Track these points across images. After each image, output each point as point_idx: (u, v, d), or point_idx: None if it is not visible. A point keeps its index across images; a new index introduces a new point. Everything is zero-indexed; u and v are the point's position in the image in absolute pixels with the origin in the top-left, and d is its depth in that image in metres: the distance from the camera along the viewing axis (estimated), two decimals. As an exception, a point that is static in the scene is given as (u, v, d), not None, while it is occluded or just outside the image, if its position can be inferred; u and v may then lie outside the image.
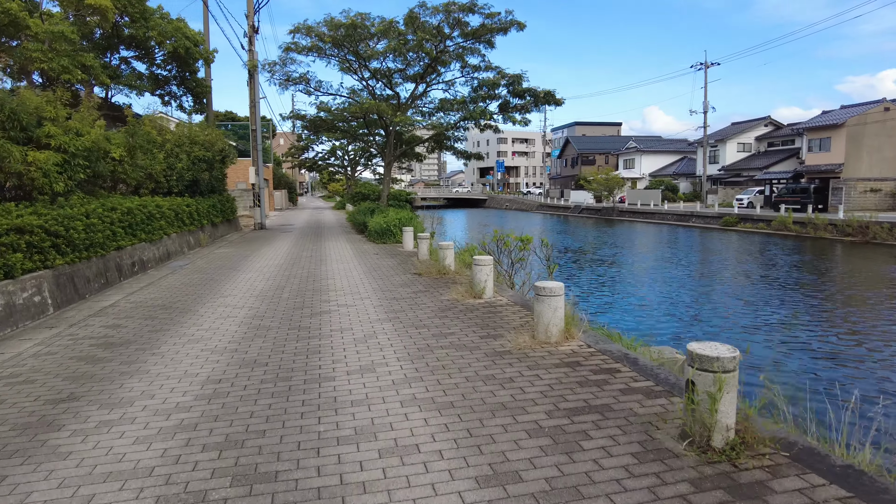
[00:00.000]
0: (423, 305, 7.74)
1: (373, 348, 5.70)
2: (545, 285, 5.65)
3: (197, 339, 6.29)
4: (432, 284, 9.43)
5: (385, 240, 16.63)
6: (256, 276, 10.93)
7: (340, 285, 9.64)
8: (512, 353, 5.40)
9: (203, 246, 17.38)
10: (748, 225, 37.52)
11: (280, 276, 10.84)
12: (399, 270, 11.19)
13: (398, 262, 12.52)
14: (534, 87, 19.06)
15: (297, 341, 6.08)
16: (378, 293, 8.78)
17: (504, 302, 7.83)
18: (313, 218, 34.11)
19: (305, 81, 21.50)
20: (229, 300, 8.58)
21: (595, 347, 5.57)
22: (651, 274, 19.74)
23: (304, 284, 9.84)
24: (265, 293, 9.08)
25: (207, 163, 18.82)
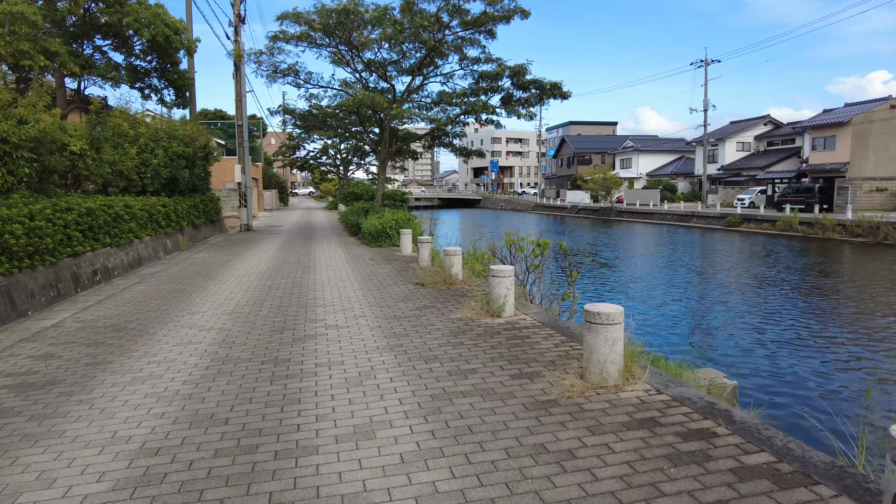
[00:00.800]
0: (430, 327, 6.31)
1: (371, 395, 4.27)
2: (599, 310, 4.25)
3: (143, 378, 4.83)
4: (438, 297, 8.00)
5: (380, 243, 15.19)
6: (234, 287, 9.46)
7: (330, 299, 8.19)
8: (560, 404, 3.99)
9: (182, 250, 15.87)
10: (752, 225, 36.37)
11: (261, 287, 9.37)
12: (398, 279, 9.75)
13: (396, 269, 11.08)
14: (539, 78, 17.71)
15: (272, 383, 4.63)
16: (375, 309, 7.34)
17: (529, 322, 6.41)
18: (304, 219, 32.59)
19: (294, 73, 20.00)
20: (197, 319, 7.11)
21: (667, 393, 4.17)
22: (661, 277, 18.41)
23: (289, 297, 8.38)
24: (241, 309, 7.62)
25: (188, 159, 17.29)
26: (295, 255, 13.86)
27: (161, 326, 6.75)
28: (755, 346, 10.68)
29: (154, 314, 7.45)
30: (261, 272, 11.13)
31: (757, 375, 9.00)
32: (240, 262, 12.75)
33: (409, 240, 13.46)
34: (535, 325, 6.24)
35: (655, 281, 17.96)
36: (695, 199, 51.27)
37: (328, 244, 16.66)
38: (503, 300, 6.61)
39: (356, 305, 7.62)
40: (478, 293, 8.18)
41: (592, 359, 4.31)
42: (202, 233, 19.40)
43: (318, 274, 10.73)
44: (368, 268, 11.34)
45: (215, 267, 12.11)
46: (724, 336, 11.37)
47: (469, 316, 6.71)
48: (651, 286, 16.98)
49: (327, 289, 9.03)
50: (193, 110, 22.33)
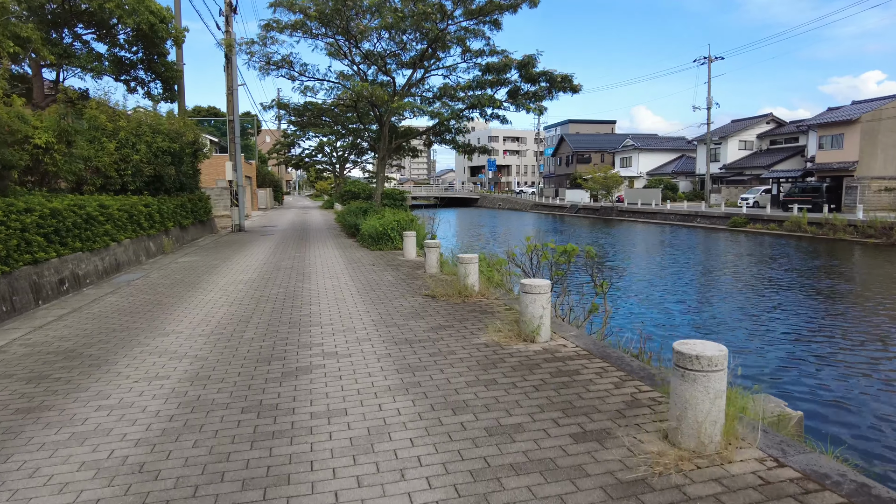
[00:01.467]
0: (451, 356, 5.15)
1: (387, 471, 3.10)
2: (698, 351, 3.11)
3: (84, 436, 3.65)
4: (455, 314, 6.84)
5: (381, 245, 14.01)
6: (218, 298, 8.27)
7: (328, 315, 7.01)
8: (653, 487, 2.83)
9: (167, 253, 14.65)
10: (758, 226, 35.37)
11: (249, 299, 8.19)
12: (405, 289, 8.58)
13: (401, 276, 9.91)
14: (550, 70, 16.56)
15: (253, 445, 3.46)
16: (381, 330, 6.17)
17: (571, 350, 5.26)
18: (299, 218, 31.35)
19: (288, 65, 18.76)
20: (169, 342, 5.93)
21: (792, 465, 3.02)
22: (676, 280, 17.30)
23: (280, 313, 7.20)
24: (222, 329, 6.43)
25: (174, 155, 16.06)
26: (288, 260, 12.67)
27: (125, 352, 5.56)
28: (795, 361, 9.57)
29: (120, 335, 6.26)
30: (250, 280, 9.93)
31: (812, 400, 7.89)
32: (227, 268, 11.55)
33: (413, 243, 12.29)
34: (581, 355, 5.09)
35: (669, 284, 16.85)
36: (696, 199, 50.29)
37: (324, 247, 15.47)
38: (538, 322, 5.46)
39: (359, 324, 6.45)
40: (500, 309, 7.02)
41: (686, 416, 3.17)
42: (190, 234, 18.18)
43: (314, 282, 9.54)
44: (370, 275, 10.16)
45: (200, 273, 10.91)
46: (759, 350, 10.26)
47: (496, 340, 5.55)
48: (667, 290, 15.87)
49: (324, 301, 7.85)
50: (182, 104, 21.07)
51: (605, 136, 71.23)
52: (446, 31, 17.64)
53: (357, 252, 13.92)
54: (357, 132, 25.51)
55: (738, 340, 10.96)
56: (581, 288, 10.69)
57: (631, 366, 4.74)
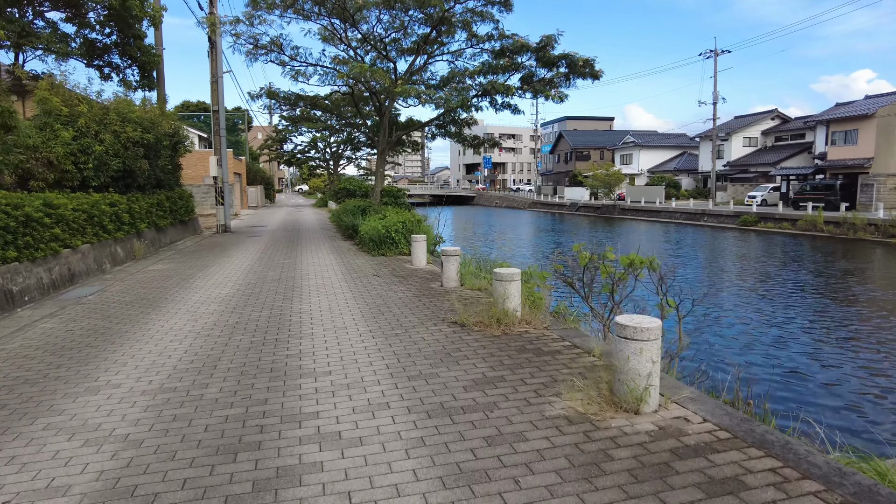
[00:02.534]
0: (522, 443, 3.26)
1: None
2: None
3: None
4: (500, 354, 4.95)
5: (384, 250, 12.10)
6: (182, 326, 6.34)
7: (325, 357, 5.11)
8: None
9: (138, 258, 12.68)
10: (769, 224, 33.74)
11: (222, 327, 6.26)
12: (423, 312, 6.69)
13: (414, 291, 8.01)
14: (571, 53, 14.67)
15: None
16: (403, 385, 4.27)
17: (701, 428, 3.38)
18: (291, 217, 29.33)
19: (278, 48, 16.77)
20: (90, 409, 4.00)
21: None
22: (716, 287, 15.49)
23: (258, 353, 5.29)
24: (175, 383, 4.51)
25: (148, 148, 14.07)
26: (276, 269, 10.72)
27: (22, 427, 3.64)
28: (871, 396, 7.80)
29: (29, 391, 4.33)
30: (227, 297, 8.00)
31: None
32: (203, 280, 9.60)
33: (423, 249, 10.39)
34: (723, 440, 3.21)
35: (709, 291, 15.04)
36: (700, 197, 48.69)
37: (318, 251, 13.54)
38: (644, 383, 3.58)
39: (368, 374, 4.54)
40: (557, 345, 5.15)
41: None
42: (169, 236, 16.19)
43: (306, 301, 7.63)
44: (375, 290, 8.25)
45: (169, 287, 8.95)
46: (839, 385, 8.45)
47: (581, 411, 3.67)
48: (712, 300, 14.05)
49: (319, 332, 5.94)
50: (162, 92, 19.03)
51: (604, 133, 69.47)
52: (452, 13, 15.74)
53: (356, 258, 12.00)
54: (354, 125, 23.50)
55: (807, 367, 9.13)
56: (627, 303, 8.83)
57: (813, 462, 2.88)
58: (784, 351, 9.84)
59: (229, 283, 9.13)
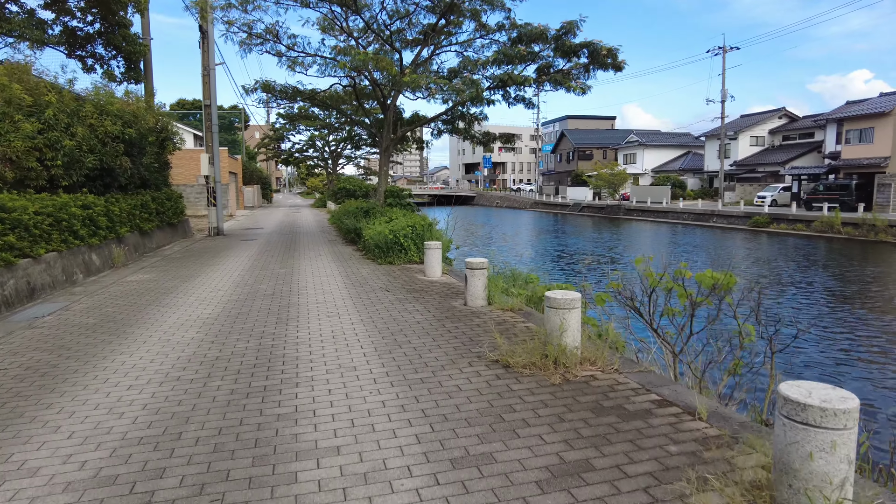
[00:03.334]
0: None
1: None
2: None
3: None
4: (574, 420, 3.58)
5: (392, 258, 10.72)
6: (147, 364, 4.97)
7: (329, 420, 3.72)
8: None
9: (118, 266, 11.29)
10: (783, 226, 32.47)
11: (197, 366, 4.89)
12: (450, 344, 5.33)
13: (434, 312, 6.65)
14: (594, 41, 13.32)
15: None
16: (449, 484, 2.92)
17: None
18: (288, 219, 27.93)
19: (274, 37, 15.38)
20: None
21: None
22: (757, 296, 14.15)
23: (241, 413, 3.91)
24: (117, 465, 3.14)
25: (130, 144, 12.67)
26: (270, 280, 9.35)
27: None
28: None
29: None
30: (209, 319, 6.62)
31: None
32: (185, 295, 8.22)
33: (438, 258, 9.02)
34: None
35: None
36: (706, 197, 47.45)
37: (318, 258, 12.16)
38: (838, 495, 2.23)
39: (395, 458, 3.16)
40: (643, 400, 3.79)
41: None
42: (155, 240, 14.79)
43: (304, 326, 6.26)
44: (386, 309, 6.89)
45: (144, 304, 7.58)
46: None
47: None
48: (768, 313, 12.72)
49: (321, 377, 4.57)
50: (150, 85, 17.62)
51: (607, 132, 68.15)
52: (460, 4, 14.34)
53: (360, 267, 10.62)
54: (355, 121, 22.08)
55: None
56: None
57: None
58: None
59: (215, 300, 7.75)
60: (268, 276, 9.78)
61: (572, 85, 13.35)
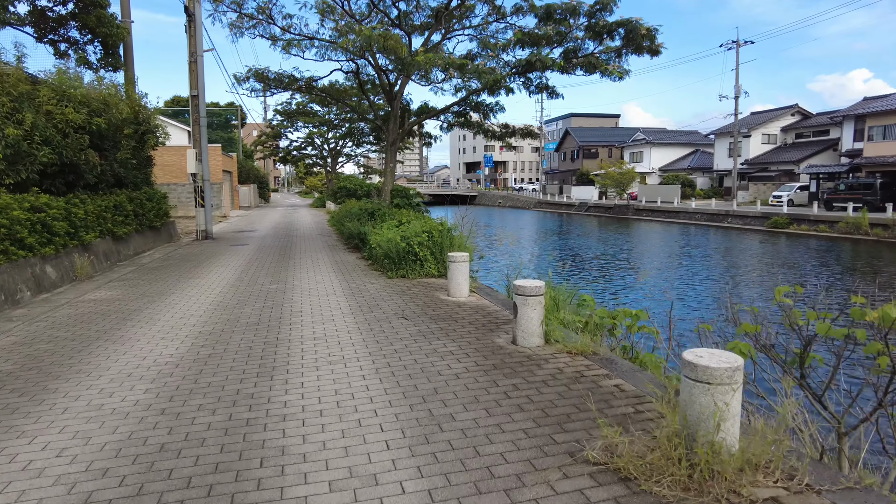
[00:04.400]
0: None
1: None
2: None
3: None
4: None
5: (405, 270, 8.90)
6: (54, 456, 3.14)
7: None
8: None
9: (81, 279, 9.47)
10: (803, 227, 30.73)
11: (129, 465, 3.07)
12: (514, 421, 3.52)
13: (478, 359, 4.80)
14: (632, 18, 11.53)
15: None
16: None
17: None
18: (285, 220, 26.09)
19: (268, 16, 13.58)
20: None
21: None
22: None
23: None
24: None
25: (98, 136, 10.86)
26: (257, 301, 7.52)
27: None
28: None
29: None
30: (168, 366, 4.79)
31: None
32: (147, 322, 6.39)
33: (465, 273, 7.22)
34: None
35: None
36: (716, 196, 45.74)
37: (316, 269, 10.34)
38: None
39: None
40: None
41: None
42: (133, 245, 12.96)
43: (295, 381, 4.43)
44: (409, 352, 5.07)
45: (90, 338, 5.76)
46: None
47: None
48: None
49: (321, 498, 2.77)
50: (130, 73, 15.79)
51: (612, 130, 66.34)
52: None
53: (368, 281, 8.80)
54: (358, 113, 20.18)
55: None
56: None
57: None
58: None
59: (183, 331, 5.93)
60: (255, 294, 7.96)
61: (608, 68, 11.53)
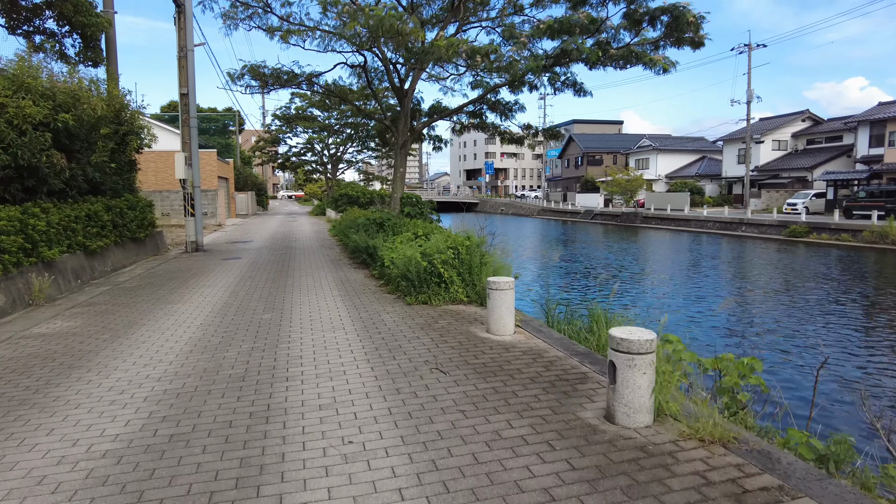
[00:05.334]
0: None
1: None
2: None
3: None
4: None
5: (427, 295, 7.29)
6: None
7: None
8: None
9: (38, 304, 7.86)
10: (824, 236, 29.23)
11: None
12: None
13: (569, 455, 3.21)
14: (678, 3, 10.03)
15: None
16: None
17: None
18: (283, 229, 24.49)
19: (265, 5, 12.07)
20: None
21: None
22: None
23: None
24: None
25: (67, 135, 9.28)
26: (245, 340, 5.91)
27: None
28: None
29: None
30: (104, 468, 3.18)
31: None
32: (97, 375, 4.76)
33: (509, 306, 5.62)
34: None
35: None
36: (725, 203, 44.27)
37: (319, 292, 8.74)
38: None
39: None
40: None
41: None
42: (110, 260, 11.34)
43: (293, 496, 2.84)
44: (459, 435, 3.48)
45: (15, 402, 4.13)
46: None
47: None
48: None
49: None
50: (113, 68, 14.23)
51: (616, 137, 64.94)
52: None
53: (383, 309, 7.19)
54: (360, 115, 18.66)
55: None
56: None
57: None
58: None
59: (141, 391, 4.31)
60: (244, 327, 6.35)
61: (653, 59, 9.99)
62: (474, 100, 13.19)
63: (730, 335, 10.87)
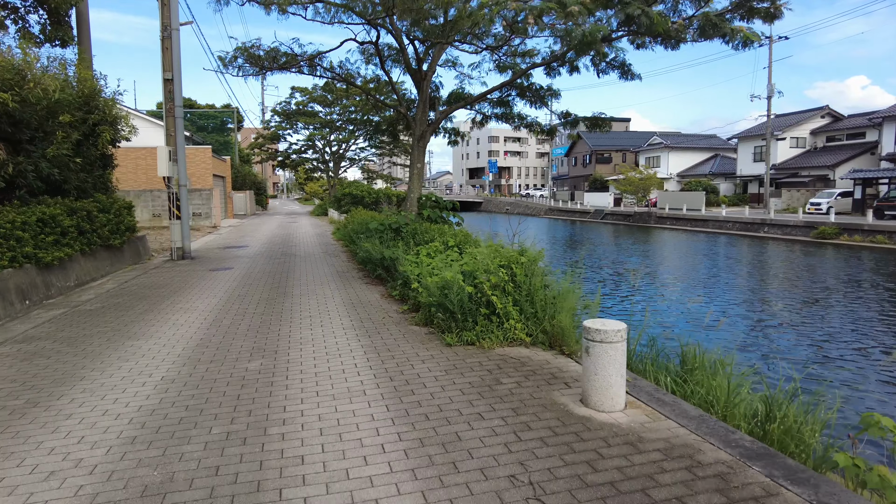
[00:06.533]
0: None
1: None
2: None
3: None
4: None
5: (474, 333, 5.31)
6: None
7: None
8: None
9: (-44, 339, 5.87)
10: (856, 237, 27.28)
11: None
12: None
13: None
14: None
15: None
16: None
17: None
18: (282, 231, 22.49)
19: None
20: None
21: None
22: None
23: None
24: None
25: (10, 120, 7.30)
26: (221, 413, 3.93)
27: None
28: None
29: None
30: None
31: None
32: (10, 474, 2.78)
33: (619, 367, 3.64)
34: None
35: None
36: (741, 203, 42.34)
37: (326, 320, 6.76)
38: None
39: None
40: None
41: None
42: (74, 274, 9.35)
43: None
44: None
45: None
46: None
47: None
48: None
49: None
50: (85, 50, 12.24)
51: (627, 134, 62.90)
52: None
53: (415, 353, 5.22)
54: (370, 103, 16.64)
55: None
56: None
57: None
58: None
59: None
60: (220, 387, 4.37)
61: (734, 30, 8.02)
62: (504, 83, 11.19)
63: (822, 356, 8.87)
